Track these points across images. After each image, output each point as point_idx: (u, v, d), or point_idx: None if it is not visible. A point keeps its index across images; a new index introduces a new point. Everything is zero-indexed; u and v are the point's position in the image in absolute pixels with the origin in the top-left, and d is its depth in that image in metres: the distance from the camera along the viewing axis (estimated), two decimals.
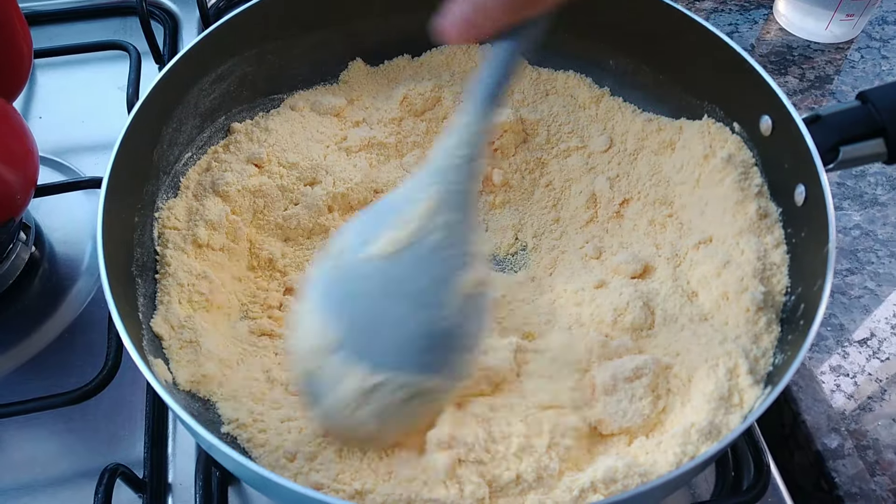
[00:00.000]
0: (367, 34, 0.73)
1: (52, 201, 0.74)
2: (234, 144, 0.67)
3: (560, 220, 0.69)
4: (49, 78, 0.88)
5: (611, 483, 0.48)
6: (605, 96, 0.71)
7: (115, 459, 0.57)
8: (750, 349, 0.53)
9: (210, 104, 0.66)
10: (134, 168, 0.58)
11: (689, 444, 0.49)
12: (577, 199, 0.68)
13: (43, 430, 0.62)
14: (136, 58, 0.82)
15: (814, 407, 0.63)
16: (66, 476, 0.60)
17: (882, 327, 0.67)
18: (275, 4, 0.66)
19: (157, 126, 0.61)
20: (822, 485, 0.60)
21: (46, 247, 0.73)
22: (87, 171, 0.78)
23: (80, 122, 0.83)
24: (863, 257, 0.71)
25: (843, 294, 0.69)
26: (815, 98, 0.85)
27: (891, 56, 0.88)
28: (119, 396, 0.63)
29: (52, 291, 0.70)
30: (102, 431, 0.62)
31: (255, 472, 0.43)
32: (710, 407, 0.50)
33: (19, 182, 0.61)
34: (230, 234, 0.63)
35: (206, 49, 0.63)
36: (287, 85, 0.72)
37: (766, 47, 0.89)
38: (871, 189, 0.76)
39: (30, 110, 0.84)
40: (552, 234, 0.68)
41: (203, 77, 0.65)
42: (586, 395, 0.54)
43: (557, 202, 0.70)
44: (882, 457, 0.60)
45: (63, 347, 0.67)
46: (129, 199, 0.58)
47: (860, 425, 0.62)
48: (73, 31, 0.92)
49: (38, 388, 0.64)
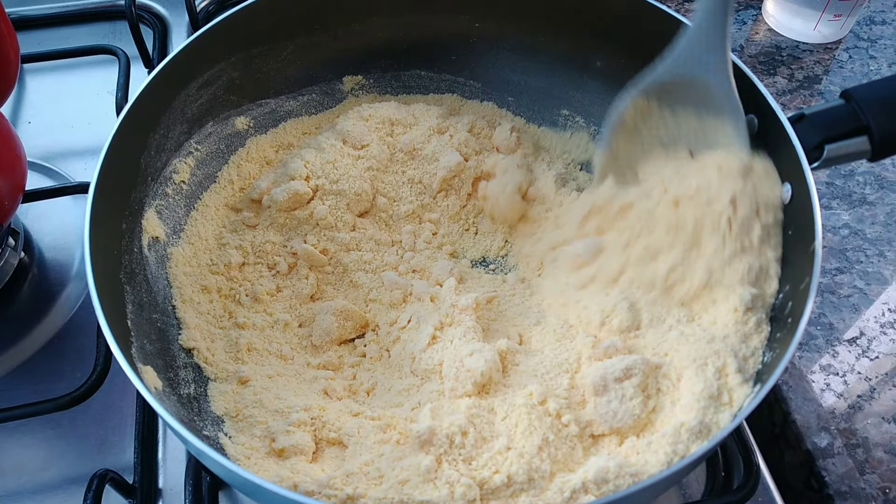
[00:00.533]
0: (352, 39, 0.73)
1: (42, 206, 0.74)
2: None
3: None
4: (39, 83, 0.88)
5: (602, 483, 0.48)
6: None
7: (104, 465, 0.57)
8: (739, 348, 0.53)
9: (197, 110, 0.66)
10: (121, 174, 0.58)
11: (679, 443, 0.49)
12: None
13: (32, 436, 0.62)
14: (125, 62, 0.82)
15: (804, 406, 0.63)
16: (56, 482, 0.60)
17: (871, 326, 0.67)
18: (261, 10, 0.66)
19: (145, 132, 0.61)
20: (813, 483, 0.61)
21: (36, 252, 0.73)
22: (76, 176, 0.78)
23: (69, 126, 0.83)
24: (852, 256, 0.72)
25: (833, 293, 0.69)
26: (804, 98, 0.85)
27: (879, 56, 0.89)
28: (108, 402, 0.63)
29: (42, 297, 0.70)
30: (92, 437, 0.62)
31: (244, 477, 0.43)
32: (699, 406, 0.50)
33: (6, 188, 0.61)
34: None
35: (193, 54, 0.63)
36: (274, 90, 0.72)
37: (754, 48, 0.90)
38: (859, 188, 0.77)
39: (19, 115, 0.84)
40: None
41: (190, 82, 0.65)
42: (576, 396, 0.54)
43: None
44: (872, 455, 0.60)
45: (53, 353, 0.67)
46: (116, 205, 0.58)
47: (850, 424, 0.62)
48: (62, 36, 0.92)
49: (28, 393, 0.64)
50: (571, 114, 0.74)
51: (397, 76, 0.76)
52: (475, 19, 0.73)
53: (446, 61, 0.76)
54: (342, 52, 0.73)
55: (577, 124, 0.74)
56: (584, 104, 0.73)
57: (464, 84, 0.76)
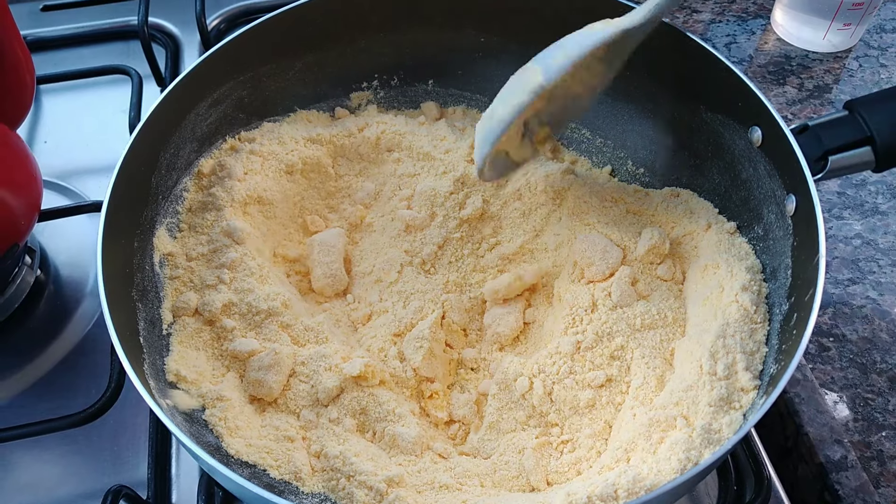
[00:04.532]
0: (359, 56, 0.74)
1: (57, 225, 0.76)
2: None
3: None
4: (55, 103, 0.89)
5: (610, 500, 0.48)
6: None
7: (119, 481, 0.58)
8: (746, 346, 0.53)
9: (207, 128, 0.67)
10: (133, 193, 0.59)
11: (692, 449, 0.49)
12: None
13: (48, 453, 0.63)
14: (137, 81, 0.83)
15: (816, 419, 0.62)
16: (71, 498, 0.61)
17: (884, 337, 0.67)
18: (269, 29, 0.67)
19: (155, 152, 0.62)
20: (826, 497, 0.60)
21: (52, 270, 0.74)
22: (91, 195, 0.79)
23: (84, 145, 0.85)
24: (864, 267, 0.71)
25: (845, 304, 0.69)
26: (814, 108, 0.84)
27: (889, 64, 0.88)
28: (123, 418, 0.64)
29: (58, 314, 0.71)
30: (107, 453, 0.63)
31: (256, 493, 0.43)
32: (710, 410, 0.50)
33: (22, 207, 0.62)
34: None
35: (202, 75, 0.64)
36: (283, 107, 0.73)
37: (764, 57, 0.89)
38: (871, 198, 0.76)
39: (36, 135, 0.86)
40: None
41: (199, 102, 0.66)
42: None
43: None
44: (887, 468, 0.60)
45: (69, 369, 0.68)
46: (129, 223, 0.59)
47: (864, 436, 0.61)
48: (77, 56, 0.94)
49: (44, 409, 0.65)
50: (577, 126, 0.74)
51: (404, 91, 0.77)
52: (480, 34, 0.73)
53: (453, 76, 0.76)
54: (349, 68, 0.74)
55: (583, 136, 0.74)
56: (589, 117, 0.73)
57: (470, 98, 0.77)
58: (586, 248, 0.61)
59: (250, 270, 0.62)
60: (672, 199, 0.65)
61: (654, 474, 0.48)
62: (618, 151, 0.73)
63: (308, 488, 0.52)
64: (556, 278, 0.65)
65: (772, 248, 0.57)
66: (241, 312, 0.60)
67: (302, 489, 0.52)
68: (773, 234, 0.57)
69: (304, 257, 0.68)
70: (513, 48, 0.73)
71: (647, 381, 0.55)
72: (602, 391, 0.56)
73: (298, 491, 0.52)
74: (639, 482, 0.48)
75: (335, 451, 0.53)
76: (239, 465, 0.52)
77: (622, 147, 0.72)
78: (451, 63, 0.75)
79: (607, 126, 0.73)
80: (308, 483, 0.52)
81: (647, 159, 0.71)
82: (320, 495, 0.52)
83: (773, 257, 0.57)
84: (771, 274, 0.57)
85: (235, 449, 0.53)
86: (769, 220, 0.58)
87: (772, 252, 0.57)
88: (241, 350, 0.58)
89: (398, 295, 0.65)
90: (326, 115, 0.75)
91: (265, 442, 0.54)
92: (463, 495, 0.52)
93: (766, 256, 0.58)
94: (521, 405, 0.57)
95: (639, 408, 0.53)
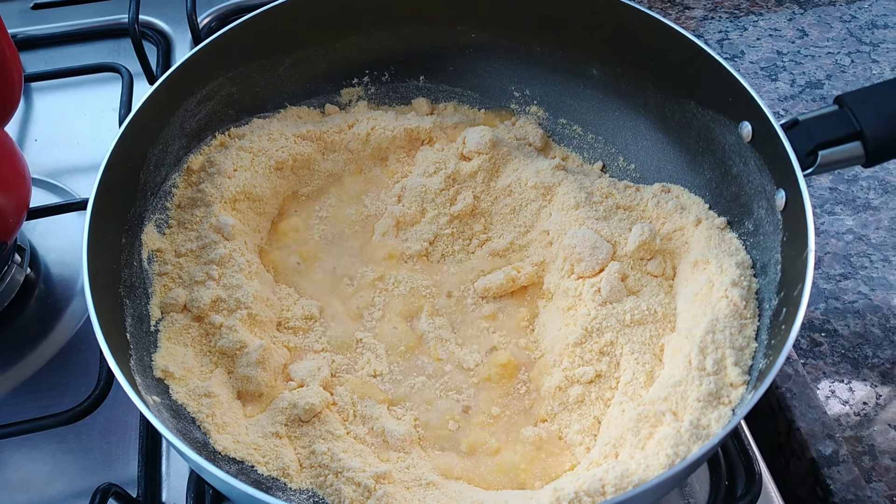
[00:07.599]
0: (350, 52, 0.74)
1: (47, 223, 0.75)
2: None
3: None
4: (45, 101, 0.89)
5: (598, 495, 0.48)
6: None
7: (108, 479, 0.57)
8: (736, 341, 0.53)
9: (196, 124, 0.67)
10: (121, 189, 0.59)
11: (680, 444, 0.49)
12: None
13: (37, 451, 0.62)
14: (128, 79, 0.83)
15: (808, 414, 0.62)
16: (61, 496, 0.61)
17: (876, 332, 0.66)
18: (259, 25, 0.67)
19: (143, 147, 0.62)
20: (818, 492, 0.60)
21: (42, 268, 0.74)
22: (81, 193, 0.79)
23: (75, 143, 0.84)
24: (856, 262, 0.71)
25: (837, 299, 0.69)
26: (807, 103, 0.84)
27: (881, 59, 0.88)
28: (113, 416, 0.64)
29: (48, 312, 0.71)
30: (96, 451, 0.62)
31: (243, 492, 0.43)
32: (699, 405, 0.50)
33: (11, 205, 0.62)
34: None
35: (191, 70, 0.64)
36: (272, 104, 0.73)
37: (755, 53, 0.89)
38: (863, 193, 0.76)
39: (26, 133, 0.86)
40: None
41: (189, 98, 0.65)
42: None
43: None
44: (878, 463, 0.60)
45: (59, 367, 0.67)
46: (115, 220, 0.59)
47: (856, 431, 0.61)
48: (67, 54, 0.93)
49: (34, 408, 0.64)
50: (569, 122, 0.74)
51: (395, 87, 0.76)
52: (471, 30, 0.73)
53: (444, 72, 0.76)
54: (339, 64, 0.74)
55: (574, 133, 0.74)
56: (580, 112, 0.73)
57: (461, 94, 0.76)
58: (576, 244, 0.61)
59: (239, 266, 0.61)
60: (663, 194, 0.65)
61: (642, 469, 0.48)
62: (609, 147, 0.72)
63: (296, 485, 0.52)
64: (546, 274, 0.64)
65: (762, 243, 0.57)
66: (230, 308, 0.59)
67: (290, 485, 0.52)
68: (763, 229, 0.57)
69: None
70: (504, 44, 0.73)
71: (637, 377, 0.55)
72: (591, 387, 0.56)
73: (286, 487, 0.52)
74: (627, 477, 0.47)
75: (323, 448, 0.53)
76: (227, 461, 0.52)
77: (613, 143, 0.72)
78: (442, 59, 0.75)
79: (599, 122, 0.73)
80: (296, 479, 0.52)
81: (638, 155, 0.71)
82: (308, 492, 0.52)
83: (764, 252, 0.57)
84: (761, 269, 0.57)
85: (223, 445, 0.53)
86: (759, 216, 0.58)
87: (762, 247, 0.57)
88: (229, 346, 0.57)
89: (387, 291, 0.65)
90: (316, 111, 0.75)
91: (253, 438, 0.54)
92: (450, 492, 0.52)
93: (757, 252, 0.58)
94: (510, 401, 0.57)
95: (628, 403, 0.53)
